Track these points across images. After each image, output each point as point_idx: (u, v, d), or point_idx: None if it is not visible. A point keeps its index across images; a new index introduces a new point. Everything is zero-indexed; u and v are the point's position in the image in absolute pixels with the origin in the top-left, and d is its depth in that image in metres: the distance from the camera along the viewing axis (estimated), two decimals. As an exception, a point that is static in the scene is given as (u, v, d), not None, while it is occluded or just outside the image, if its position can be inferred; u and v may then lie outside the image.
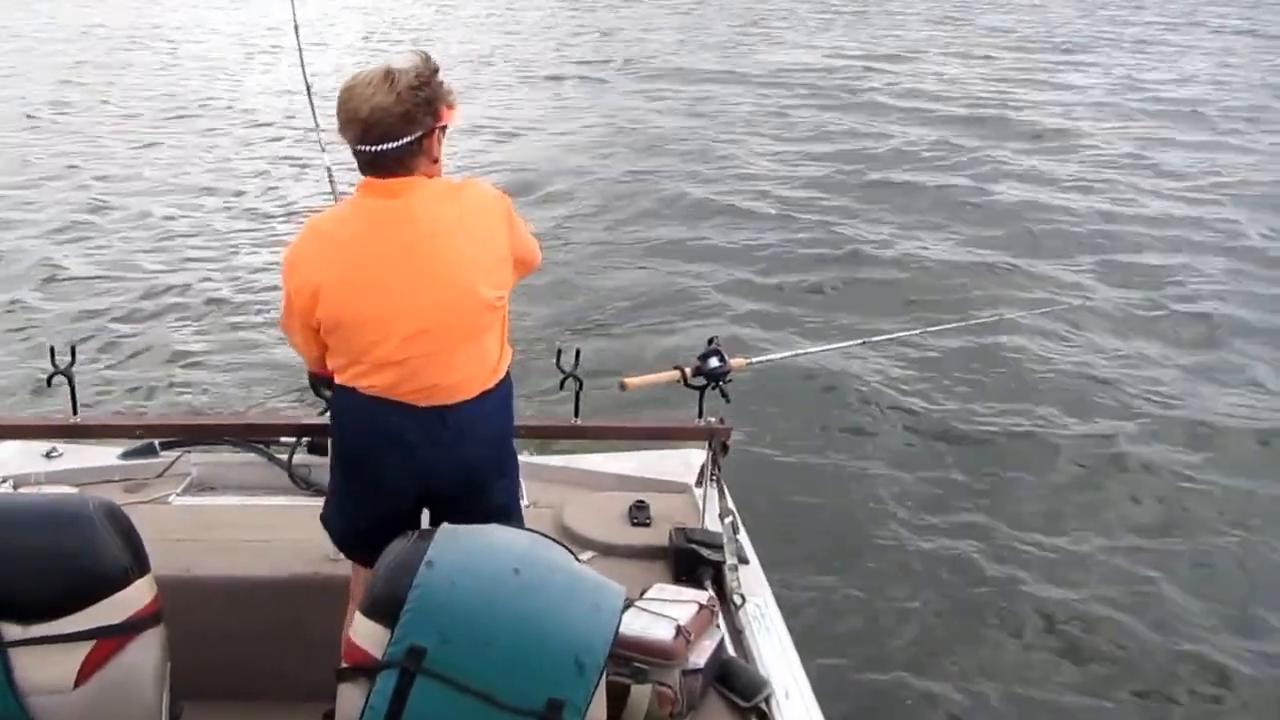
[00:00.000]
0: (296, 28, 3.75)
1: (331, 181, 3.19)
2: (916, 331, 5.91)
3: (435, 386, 2.28)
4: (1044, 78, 18.69)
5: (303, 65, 3.60)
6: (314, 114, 3.41)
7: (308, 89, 3.56)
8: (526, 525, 2.33)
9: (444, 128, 2.28)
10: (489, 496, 2.42)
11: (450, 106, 2.28)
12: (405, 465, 2.33)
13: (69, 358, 2.73)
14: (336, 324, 2.26)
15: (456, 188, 2.32)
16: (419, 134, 2.22)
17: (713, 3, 30.57)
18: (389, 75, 2.18)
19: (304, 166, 11.99)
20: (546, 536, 2.00)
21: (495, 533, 1.92)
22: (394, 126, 2.18)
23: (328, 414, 2.75)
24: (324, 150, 3.25)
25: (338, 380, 2.35)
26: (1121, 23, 26.89)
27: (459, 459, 2.34)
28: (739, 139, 14.02)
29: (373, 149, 2.21)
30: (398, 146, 2.20)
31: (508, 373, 2.42)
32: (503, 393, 2.40)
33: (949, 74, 18.93)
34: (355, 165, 2.29)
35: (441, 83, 2.25)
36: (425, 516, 2.45)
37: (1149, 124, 15.12)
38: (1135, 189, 11.72)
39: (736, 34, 24.65)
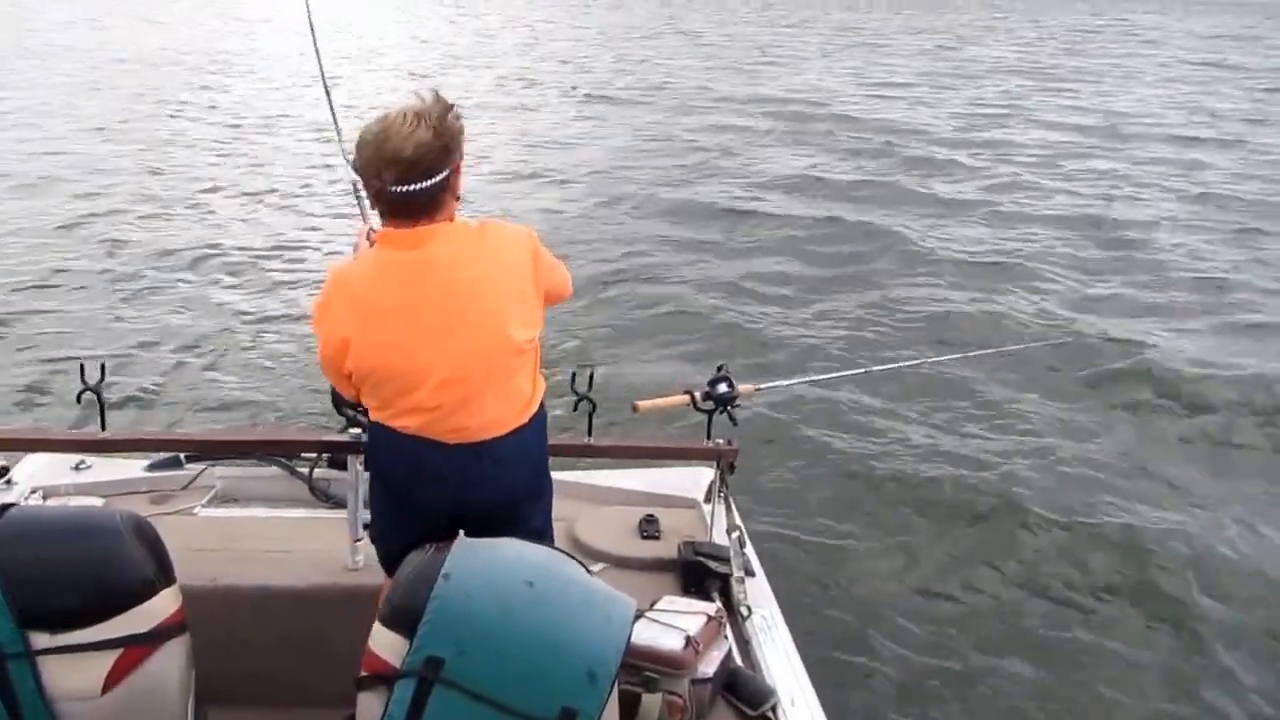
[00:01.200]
0: (315, 45, 3.72)
1: (358, 195, 3.16)
2: (920, 361, 5.94)
3: (466, 428, 2.29)
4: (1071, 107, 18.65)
5: (324, 80, 3.58)
6: (336, 125, 3.38)
7: (328, 93, 3.53)
8: None
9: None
10: (525, 520, 2.42)
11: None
12: (440, 498, 2.34)
13: (99, 375, 2.78)
14: (368, 373, 2.27)
15: (479, 231, 2.29)
16: (449, 170, 2.21)
17: (724, 31, 30.51)
18: (419, 114, 2.17)
19: (330, 181, 12.15)
20: (559, 550, 2.05)
21: (510, 546, 1.98)
22: (437, 160, 2.17)
23: (348, 431, 2.86)
24: (347, 161, 3.23)
25: (373, 416, 2.37)
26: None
27: (494, 490, 2.36)
28: (750, 168, 14.07)
29: (409, 189, 2.17)
30: (433, 184, 2.18)
31: (542, 403, 2.43)
32: (537, 424, 2.41)
33: (975, 99, 18.88)
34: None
35: (459, 116, 2.26)
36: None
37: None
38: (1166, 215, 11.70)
39: (753, 61, 24.57)
